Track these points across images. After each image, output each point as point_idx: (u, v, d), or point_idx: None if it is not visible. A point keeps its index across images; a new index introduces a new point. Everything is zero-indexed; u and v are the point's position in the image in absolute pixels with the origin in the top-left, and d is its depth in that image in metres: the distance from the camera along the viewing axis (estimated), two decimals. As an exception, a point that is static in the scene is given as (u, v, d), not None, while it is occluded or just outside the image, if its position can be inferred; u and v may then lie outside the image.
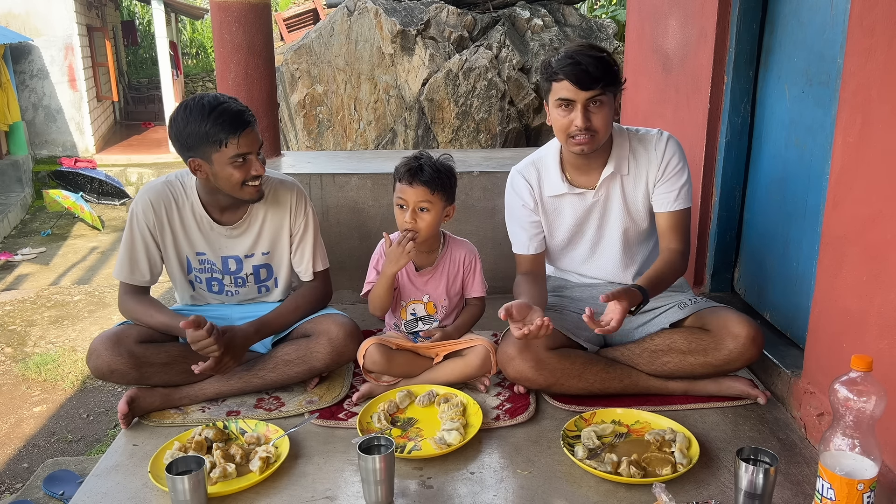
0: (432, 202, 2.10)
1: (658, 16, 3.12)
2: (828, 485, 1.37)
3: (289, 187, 2.20)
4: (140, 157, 10.64)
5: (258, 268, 2.22)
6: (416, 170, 2.09)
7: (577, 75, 1.87)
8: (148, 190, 2.11)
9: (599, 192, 2.10)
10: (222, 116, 1.90)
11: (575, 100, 1.89)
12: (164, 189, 2.11)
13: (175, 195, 2.11)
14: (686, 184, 2.07)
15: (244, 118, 1.94)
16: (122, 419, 1.97)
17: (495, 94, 5.96)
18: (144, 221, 2.09)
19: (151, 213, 2.09)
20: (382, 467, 1.56)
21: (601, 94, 1.89)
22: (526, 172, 2.16)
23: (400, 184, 2.12)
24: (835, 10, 2.01)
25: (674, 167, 2.06)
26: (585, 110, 1.90)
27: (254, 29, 3.08)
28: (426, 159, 2.12)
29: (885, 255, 1.61)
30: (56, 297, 5.46)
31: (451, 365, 2.15)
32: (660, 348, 2.03)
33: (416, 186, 2.08)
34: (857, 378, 1.34)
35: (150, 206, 2.09)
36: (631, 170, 2.08)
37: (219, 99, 1.95)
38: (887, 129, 1.59)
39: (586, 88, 1.88)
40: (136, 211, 2.10)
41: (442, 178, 2.10)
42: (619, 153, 2.07)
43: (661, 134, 2.09)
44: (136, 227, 2.10)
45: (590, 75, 1.87)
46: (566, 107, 1.92)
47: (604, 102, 1.91)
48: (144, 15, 18.46)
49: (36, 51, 10.15)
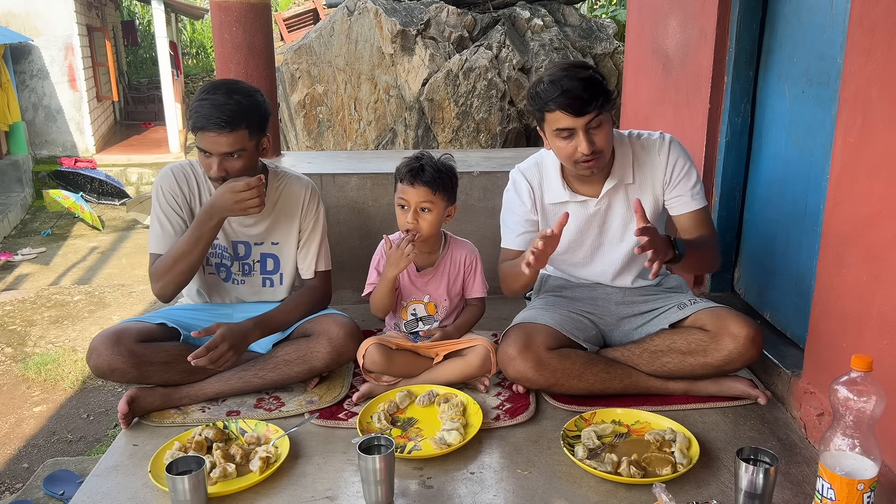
0: (434, 202, 2.10)
1: (658, 16, 3.12)
2: (828, 485, 1.37)
3: (304, 184, 2.25)
4: (140, 157, 10.64)
5: (266, 256, 2.24)
6: (417, 170, 2.09)
7: (571, 104, 1.83)
8: (170, 167, 2.18)
9: (602, 202, 2.10)
10: (201, 107, 1.95)
11: (574, 127, 1.87)
12: (186, 168, 2.19)
13: (196, 175, 2.18)
14: (697, 183, 2.07)
15: (213, 119, 1.93)
16: (122, 419, 1.97)
17: (495, 94, 5.96)
18: (170, 192, 2.14)
19: (175, 185, 2.15)
20: (382, 467, 1.56)
21: (598, 114, 1.87)
22: (529, 174, 2.16)
23: (401, 184, 2.12)
24: (835, 10, 2.01)
25: (681, 169, 2.06)
26: (587, 134, 1.88)
27: (254, 29, 3.08)
28: (427, 159, 2.12)
29: (885, 255, 1.61)
30: (56, 297, 5.46)
31: (451, 365, 2.15)
32: (660, 349, 2.03)
33: (417, 187, 2.08)
34: (857, 378, 1.34)
35: (174, 180, 2.15)
36: (636, 178, 2.07)
37: (223, 88, 1.98)
38: (887, 129, 1.59)
39: (582, 115, 1.84)
40: (160, 185, 2.15)
41: (443, 179, 2.10)
42: (622, 162, 2.06)
43: (664, 137, 2.08)
44: (164, 200, 2.14)
45: (583, 101, 1.83)
46: (567, 136, 1.90)
47: (603, 122, 1.89)
48: (144, 15, 18.47)
49: (36, 51, 10.15)
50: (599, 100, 1.85)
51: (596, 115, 1.86)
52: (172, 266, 2.06)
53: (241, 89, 2.01)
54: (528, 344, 2.00)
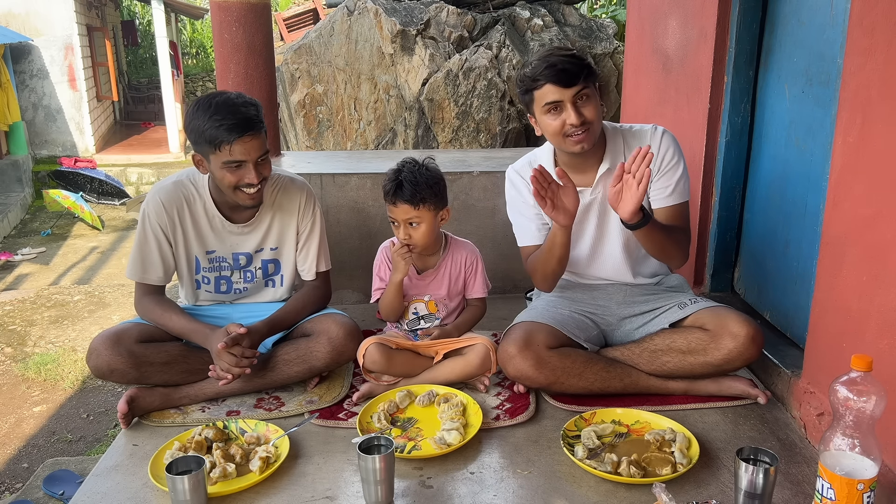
0: (420, 216, 2.10)
1: (658, 16, 3.12)
2: (828, 485, 1.37)
3: (299, 186, 2.23)
4: (140, 156, 10.64)
5: (267, 262, 2.24)
6: (395, 189, 2.08)
7: (558, 75, 1.90)
8: (159, 191, 2.12)
9: (596, 190, 2.10)
10: (224, 119, 1.89)
11: (562, 99, 1.91)
12: (175, 190, 2.12)
13: (186, 195, 2.12)
14: (682, 178, 2.07)
15: (244, 125, 1.91)
16: (121, 419, 1.97)
17: (495, 93, 5.96)
18: (157, 222, 2.10)
19: (164, 214, 2.10)
20: (382, 467, 1.56)
21: (585, 87, 1.92)
22: (523, 172, 2.16)
23: (386, 202, 2.13)
24: (835, 10, 2.01)
25: (669, 161, 2.05)
26: (575, 106, 1.92)
27: (254, 29, 3.08)
28: (406, 174, 2.09)
29: (885, 255, 1.61)
30: (56, 297, 5.46)
31: (451, 364, 2.15)
32: (659, 348, 2.03)
33: (399, 205, 2.08)
34: (857, 378, 1.34)
35: (163, 207, 2.10)
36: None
37: (230, 101, 1.94)
38: (887, 129, 1.59)
39: (570, 85, 1.90)
40: (147, 212, 2.11)
41: (422, 192, 2.08)
42: (613, 149, 2.07)
43: (656, 128, 2.09)
44: (149, 228, 2.11)
45: (569, 72, 1.90)
46: (555, 109, 1.94)
47: (589, 95, 1.94)
48: (144, 15, 18.46)
49: (36, 51, 10.15)
50: (585, 71, 1.91)
51: (583, 87, 1.91)
52: (156, 322, 2.11)
53: (241, 95, 2.00)
54: (528, 342, 2.00)
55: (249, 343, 2.00)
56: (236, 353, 1.96)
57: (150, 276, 2.13)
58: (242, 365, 1.96)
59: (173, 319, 2.08)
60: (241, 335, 1.97)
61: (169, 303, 2.14)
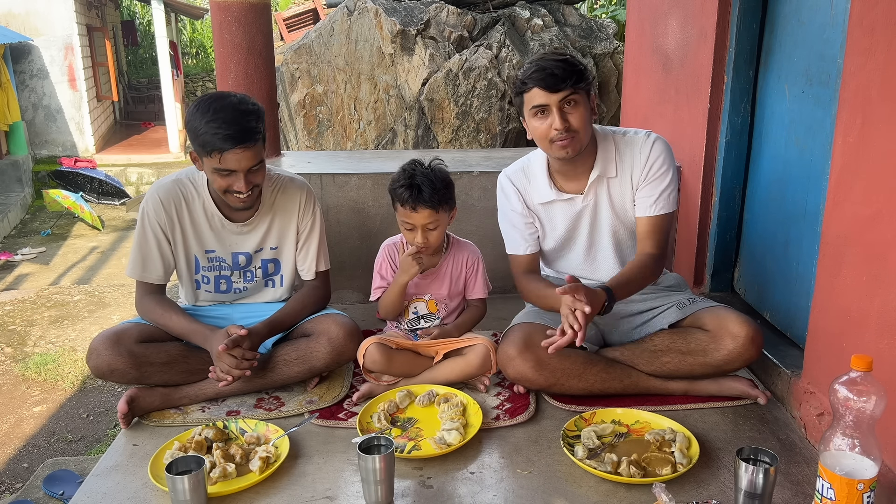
0: (439, 219, 2.10)
1: (658, 16, 3.12)
2: (828, 485, 1.37)
3: (299, 186, 2.22)
4: (140, 156, 10.64)
5: (266, 262, 2.23)
6: (416, 193, 2.04)
7: (545, 80, 1.89)
8: (158, 188, 2.12)
9: (588, 197, 2.10)
10: (220, 128, 1.87)
11: (548, 104, 1.91)
12: (175, 188, 2.12)
13: (185, 194, 2.12)
14: (668, 188, 2.04)
15: (238, 137, 1.88)
16: (121, 419, 1.97)
17: (495, 93, 5.96)
18: (156, 220, 2.10)
19: (162, 212, 2.10)
20: (382, 467, 1.56)
21: (573, 93, 1.90)
22: (515, 178, 2.17)
23: (402, 207, 2.09)
24: (835, 10, 2.01)
25: (657, 170, 2.04)
26: (561, 112, 1.91)
27: (254, 29, 3.08)
28: (421, 177, 2.06)
29: (885, 255, 1.61)
30: (56, 297, 5.46)
31: (451, 364, 2.15)
32: (659, 348, 2.03)
33: (420, 210, 2.06)
34: (857, 378, 1.34)
35: (161, 205, 2.09)
36: (619, 172, 2.07)
37: (230, 107, 1.91)
38: (887, 129, 1.59)
39: (556, 90, 1.89)
40: (146, 210, 2.10)
41: (441, 194, 2.07)
42: (604, 156, 2.06)
43: (649, 136, 2.07)
44: (148, 226, 2.10)
45: (557, 77, 1.88)
46: (542, 113, 1.94)
47: (578, 102, 1.92)
48: (144, 15, 18.46)
49: (36, 51, 10.15)
50: (573, 78, 1.90)
51: (570, 93, 1.90)
52: (156, 322, 2.11)
53: (244, 100, 1.97)
54: (528, 344, 2.00)
55: (250, 345, 2.00)
56: (237, 354, 1.96)
57: (150, 274, 2.13)
58: (243, 367, 1.96)
59: (173, 320, 2.08)
60: (241, 337, 1.97)
61: (169, 303, 2.14)
